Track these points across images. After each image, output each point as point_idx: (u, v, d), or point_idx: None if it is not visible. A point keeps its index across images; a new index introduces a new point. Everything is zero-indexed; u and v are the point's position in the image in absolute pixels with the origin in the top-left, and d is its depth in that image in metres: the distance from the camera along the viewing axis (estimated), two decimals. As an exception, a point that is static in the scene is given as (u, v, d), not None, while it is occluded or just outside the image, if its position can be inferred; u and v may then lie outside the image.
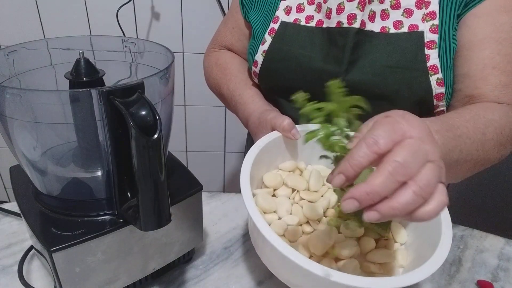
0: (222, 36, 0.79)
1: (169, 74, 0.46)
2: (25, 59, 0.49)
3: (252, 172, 0.47)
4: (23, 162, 0.44)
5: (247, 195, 0.44)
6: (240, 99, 0.68)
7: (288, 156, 0.57)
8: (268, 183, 0.53)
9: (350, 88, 0.59)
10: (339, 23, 0.59)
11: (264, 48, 0.66)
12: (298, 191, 0.53)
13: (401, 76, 0.57)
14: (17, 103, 0.39)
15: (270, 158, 0.55)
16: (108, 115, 0.38)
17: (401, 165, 0.31)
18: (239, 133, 1.59)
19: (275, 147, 0.55)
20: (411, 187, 0.31)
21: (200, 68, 1.41)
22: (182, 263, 0.56)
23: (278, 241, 0.39)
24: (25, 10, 1.29)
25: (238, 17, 0.74)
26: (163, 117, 0.39)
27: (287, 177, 0.54)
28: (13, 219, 0.62)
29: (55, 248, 0.39)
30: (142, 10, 1.32)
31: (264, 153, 0.51)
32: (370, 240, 0.48)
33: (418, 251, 0.46)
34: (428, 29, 0.56)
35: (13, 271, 0.52)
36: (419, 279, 0.37)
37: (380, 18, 0.59)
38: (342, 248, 0.46)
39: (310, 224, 0.50)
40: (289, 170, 0.56)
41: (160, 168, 0.38)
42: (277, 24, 0.65)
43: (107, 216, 0.44)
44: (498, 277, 0.58)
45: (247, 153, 0.50)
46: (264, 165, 0.54)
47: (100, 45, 0.55)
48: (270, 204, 0.49)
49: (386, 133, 0.33)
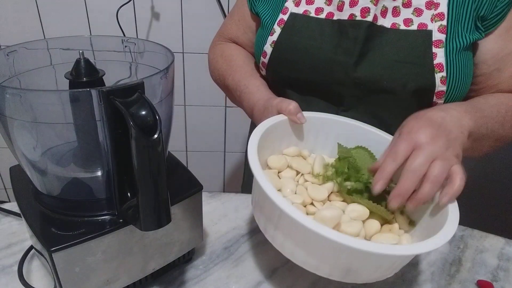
0: (228, 28, 0.79)
1: (169, 74, 0.46)
2: (25, 59, 0.49)
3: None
4: (23, 162, 0.44)
5: (257, 167, 0.44)
6: (245, 89, 0.68)
7: (292, 142, 0.58)
8: (272, 164, 0.53)
9: (359, 80, 0.60)
10: (352, 16, 0.60)
11: (273, 38, 0.67)
12: (302, 174, 0.53)
13: (409, 71, 0.59)
14: (17, 103, 0.38)
15: (274, 143, 0.55)
16: (108, 115, 0.38)
17: (415, 170, 0.45)
18: (239, 133, 1.59)
19: (280, 132, 0.55)
20: (426, 182, 0.45)
21: (200, 68, 1.41)
22: (182, 263, 0.56)
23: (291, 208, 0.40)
24: (25, 10, 1.29)
25: (244, 9, 0.75)
26: (163, 117, 0.39)
27: (292, 160, 0.54)
28: (13, 219, 0.62)
29: (55, 248, 0.39)
30: (142, 10, 1.32)
31: (268, 137, 0.52)
32: (375, 222, 0.48)
33: (424, 236, 0.46)
34: (437, 29, 0.58)
35: (13, 271, 0.52)
36: (435, 247, 0.39)
37: (391, 14, 0.60)
38: (347, 226, 0.46)
39: (315, 206, 0.49)
40: (292, 155, 0.57)
41: (160, 168, 0.38)
42: (286, 15, 0.66)
43: (107, 216, 0.44)
44: (498, 277, 0.58)
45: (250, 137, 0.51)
46: (268, 149, 0.54)
47: (100, 45, 0.55)
48: (276, 182, 0.49)
49: (402, 147, 0.47)
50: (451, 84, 0.59)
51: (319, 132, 0.59)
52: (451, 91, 0.59)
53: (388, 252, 0.38)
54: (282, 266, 0.57)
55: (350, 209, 0.49)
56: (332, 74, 0.63)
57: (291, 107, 0.55)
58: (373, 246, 0.38)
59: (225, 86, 0.76)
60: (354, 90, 0.63)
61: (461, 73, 0.59)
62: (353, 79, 0.61)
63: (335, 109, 0.66)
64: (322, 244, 0.41)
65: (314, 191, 0.50)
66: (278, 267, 0.57)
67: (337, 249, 0.40)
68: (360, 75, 0.61)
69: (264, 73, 0.72)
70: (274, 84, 0.72)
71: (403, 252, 0.39)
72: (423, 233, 0.47)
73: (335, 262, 0.43)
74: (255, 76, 0.71)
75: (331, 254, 0.42)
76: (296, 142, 0.58)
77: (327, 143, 0.60)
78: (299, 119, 0.55)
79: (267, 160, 0.54)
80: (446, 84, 0.58)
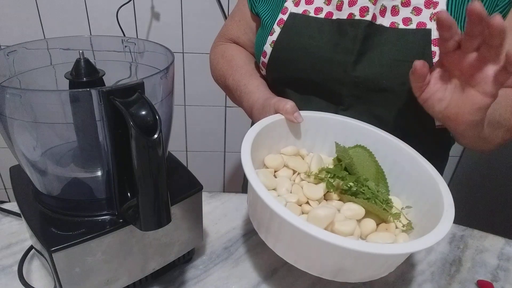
0: (229, 29, 0.80)
1: (169, 74, 0.46)
2: (25, 59, 0.49)
3: (253, 155, 0.47)
4: (23, 162, 0.44)
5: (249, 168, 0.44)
6: (245, 89, 0.69)
7: (290, 141, 0.58)
8: (269, 163, 0.53)
9: (358, 79, 0.60)
10: (351, 15, 0.61)
11: (273, 38, 0.67)
12: (299, 173, 0.53)
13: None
14: (17, 103, 0.38)
15: (272, 142, 0.55)
16: (108, 115, 0.38)
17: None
18: (239, 133, 1.59)
19: (277, 131, 0.55)
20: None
21: (200, 68, 1.41)
22: (182, 263, 0.56)
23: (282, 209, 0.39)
24: (25, 10, 1.29)
25: (245, 10, 0.75)
26: (163, 117, 0.39)
27: (289, 159, 0.54)
28: (13, 219, 0.62)
29: (55, 248, 0.39)
30: (142, 10, 1.32)
31: (265, 136, 0.52)
32: (370, 221, 0.48)
33: (420, 234, 0.45)
34: (436, 27, 0.57)
35: (13, 271, 0.52)
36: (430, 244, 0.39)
37: (390, 13, 0.60)
38: (341, 225, 0.45)
39: (310, 205, 0.49)
40: (290, 154, 0.57)
41: (160, 168, 0.38)
42: (286, 15, 0.66)
43: (107, 216, 0.44)
44: (498, 277, 0.58)
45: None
46: (265, 148, 0.54)
47: (100, 45, 0.55)
48: (271, 181, 0.49)
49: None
50: None
51: (318, 131, 0.59)
52: None
53: (375, 251, 0.37)
54: (282, 266, 0.57)
55: (345, 208, 0.48)
56: (331, 73, 0.63)
57: (288, 106, 0.55)
58: (360, 245, 0.37)
59: (226, 86, 0.76)
60: (353, 89, 0.63)
61: None
62: (352, 78, 0.62)
63: (335, 108, 0.66)
64: (310, 243, 0.41)
65: (310, 190, 0.50)
66: (278, 267, 0.57)
67: (325, 248, 0.40)
68: (359, 74, 0.61)
69: (264, 73, 0.72)
70: (274, 84, 0.72)
71: (391, 251, 0.37)
72: (419, 233, 0.46)
73: (324, 261, 0.42)
74: (255, 76, 0.71)
75: (320, 253, 0.42)
76: (294, 141, 0.58)
77: (325, 142, 0.60)
78: (296, 118, 0.55)
79: (264, 159, 0.54)
80: None
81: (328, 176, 0.51)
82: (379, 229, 0.48)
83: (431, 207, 0.47)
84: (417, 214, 0.50)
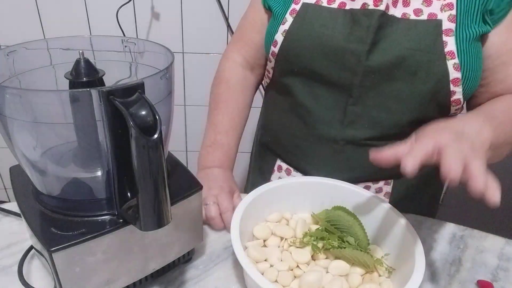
0: (242, 31, 0.80)
1: (169, 74, 0.46)
2: (25, 59, 0.49)
3: (242, 227, 0.52)
4: (23, 162, 0.44)
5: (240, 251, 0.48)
6: (219, 137, 0.76)
7: (274, 208, 0.61)
8: (257, 235, 0.57)
9: (371, 68, 0.61)
10: (365, 5, 0.61)
11: (285, 27, 0.67)
12: (286, 239, 0.57)
13: (420, 59, 0.60)
14: (17, 103, 0.39)
15: (258, 213, 0.59)
16: (108, 115, 0.38)
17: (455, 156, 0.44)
18: (239, 133, 1.59)
19: (262, 201, 0.59)
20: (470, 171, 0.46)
21: (200, 68, 1.41)
22: (182, 263, 0.56)
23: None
24: (25, 10, 1.29)
25: (257, 8, 0.76)
26: (163, 117, 0.39)
27: (275, 228, 0.58)
28: (13, 219, 0.62)
29: (55, 248, 0.39)
30: (142, 10, 1.31)
31: (251, 209, 0.56)
32: (357, 276, 0.51)
33: (400, 281, 0.50)
34: (446, 18, 0.59)
35: (13, 271, 0.52)
36: None
37: (402, 4, 0.61)
38: (332, 285, 0.49)
39: (300, 268, 0.53)
40: (276, 221, 0.60)
41: (160, 168, 0.38)
42: (299, 4, 0.66)
43: (107, 216, 0.44)
44: (498, 277, 0.58)
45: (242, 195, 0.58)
46: (253, 219, 0.58)
47: (100, 45, 0.55)
48: (261, 254, 0.53)
49: (426, 141, 0.45)
50: (466, 70, 0.59)
51: (297, 193, 0.63)
52: (467, 76, 0.60)
53: None
54: (282, 266, 0.57)
55: (332, 266, 0.52)
56: (344, 62, 0.63)
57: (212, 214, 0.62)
58: None
59: (214, 106, 0.82)
60: (364, 79, 0.63)
61: (473, 61, 0.60)
62: (365, 67, 0.62)
63: (343, 102, 0.66)
64: None
65: (298, 255, 0.53)
66: (278, 267, 0.57)
67: None
68: (372, 63, 0.62)
69: (273, 65, 0.72)
70: (281, 77, 0.71)
71: None
72: (402, 277, 0.50)
73: None
74: (231, 133, 0.77)
75: None
76: (277, 208, 0.62)
77: (305, 201, 0.63)
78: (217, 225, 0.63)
79: (253, 230, 0.58)
80: (461, 71, 0.59)
81: (311, 239, 0.55)
82: (365, 281, 0.52)
83: (407, 252, 0.51)
84: (394, 259, 0.54)
